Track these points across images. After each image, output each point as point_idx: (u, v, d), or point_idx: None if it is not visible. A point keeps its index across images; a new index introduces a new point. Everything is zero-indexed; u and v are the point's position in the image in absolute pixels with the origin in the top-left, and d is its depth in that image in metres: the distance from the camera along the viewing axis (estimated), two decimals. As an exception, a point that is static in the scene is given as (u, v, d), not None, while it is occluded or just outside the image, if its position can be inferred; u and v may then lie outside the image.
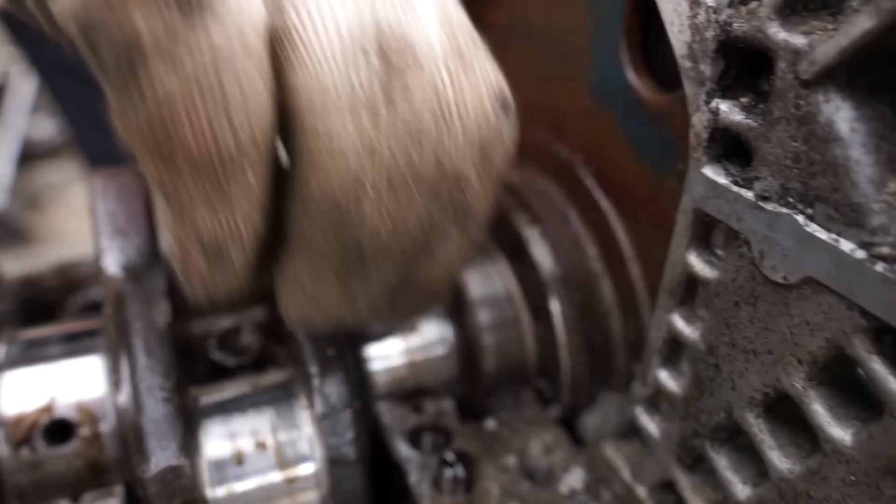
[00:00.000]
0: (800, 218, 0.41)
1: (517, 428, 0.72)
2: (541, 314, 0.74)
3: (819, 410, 0.43)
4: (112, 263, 0.63)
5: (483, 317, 0.75)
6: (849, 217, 0.38)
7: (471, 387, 0.74)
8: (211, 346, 0.68)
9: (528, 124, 0.82)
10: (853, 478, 0.41)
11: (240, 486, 0.58)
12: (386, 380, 0.72)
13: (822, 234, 0.40)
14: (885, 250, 0.37)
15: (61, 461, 0.62)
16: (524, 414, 0.74)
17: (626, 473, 0.63)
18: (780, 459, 0.46)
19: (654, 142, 0.62)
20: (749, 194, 0.44)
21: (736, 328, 0.47)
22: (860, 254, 0.38)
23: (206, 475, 0.57)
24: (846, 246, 0.38)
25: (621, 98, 0.65)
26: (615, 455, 0.65)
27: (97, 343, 0.67)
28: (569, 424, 0.75)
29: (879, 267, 0.37)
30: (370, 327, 0.67)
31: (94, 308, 0.83)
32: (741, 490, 0.51)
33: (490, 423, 0.72)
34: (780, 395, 0.46)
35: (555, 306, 0.71)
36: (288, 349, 0.68)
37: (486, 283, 0.77)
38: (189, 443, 0.55)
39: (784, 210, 0.42)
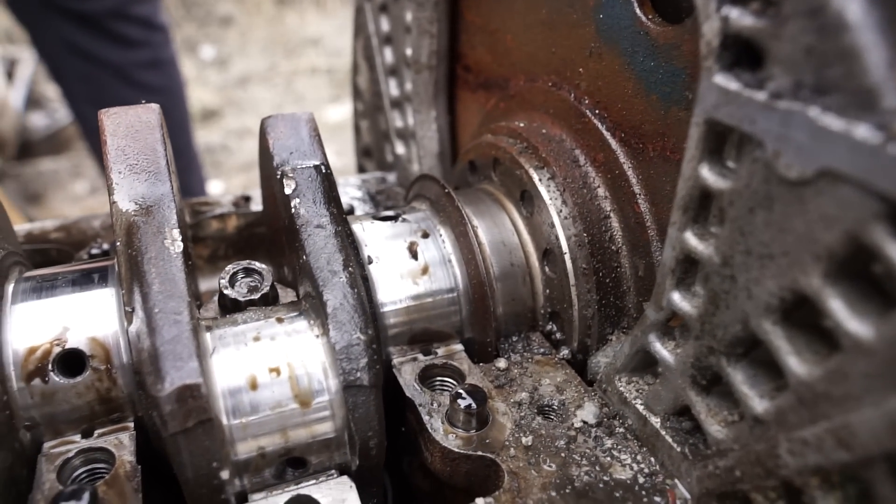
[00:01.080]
0: (813, 111, 0.41)
1: (528, 368, 0.72)
2: (550, 256, 0.74)
3: (838, 306, 0.43)
4: (123, 198, 0.64)
5: (492, 262, 0.76)
6: (863, 102, 0.39)
7: (481, 331, 0.74)
8: (222, 285, 0.68)
9: (534, 74, 0.83)
10: (874, 370, 0.41)
11: (254, 413, 0.57)
12: (397, 322, 0.72)
13: (837, 124, 0.40)
14: (900, 129, 0.37)
15: (73, 393, 0.61)
16: (534, 356, 0.74)
17: (639, 405, 0.63)
18: (798, 365, 0.47)
19: (662, 74, 0.63)
20: (761, 95, 0.45)
21: (751, 234, 0.48)
22: (876, 137, 0.38)
23: (220, 401, 0.57)
24: (861, 131, 0.39)
25: (629, 34, 0.66)
26: (627, 388, 0.65)
27: (109, 279, 0.67)
28: (579, 366, 0.75)
29: (895, 148, 0.37)
30: None
31: (103, 255, 0.83)
32: (759, 404, 0.51)
33: (501, 363, 0.72)
34: (798, 298, 0.46)
35: (564, 246, 0.71)
36: (299, 285, 0.68)
37: (495, 228, 0.77)
38: (203, 368, 0.55)
39: (797, 105, 0.42)
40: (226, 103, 3.78)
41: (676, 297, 0.56)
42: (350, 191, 1.09)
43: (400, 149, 1.09)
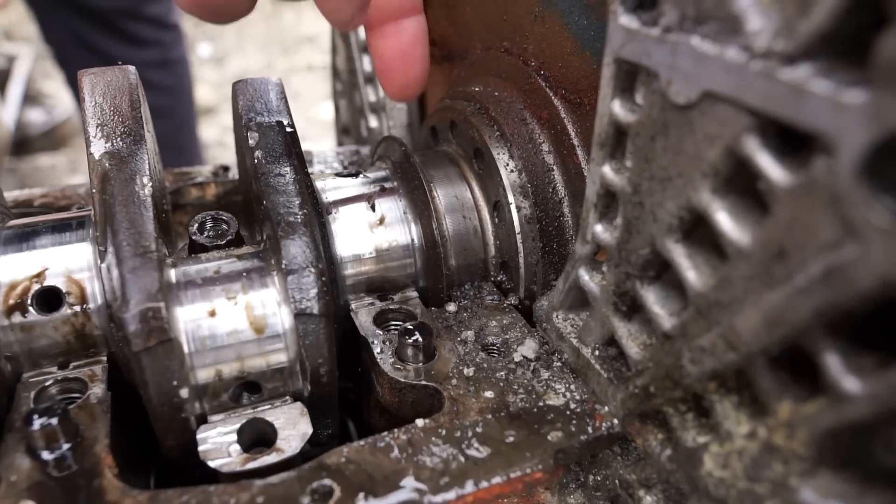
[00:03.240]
0: (694, 40, 0.46)
1: (476, 312, 0.77)
2: (498, 209, 0.79)
3: (722, 218, 0.48)
4: (98, 150, 0.69)
5: (446, 215, 0.80)
6: (732, 27, 0.44)
7: (434, 280, 0.79)
8: (191, 231, 0.73)
9: (489, 42, 0.88)
10: (752, 272, 0.46)
11: (212, 338, 0.62)
12: (355, 271, 0.77)
13: (712, 49, 0.45)
14: (760, 47, 0.42)
15: (50, 327, 0.67)
16: (484, 302, 0.78)
17: (573, 338, 0.68)
18: (696, 278, 0.51)
19: (594, 31, 0.68)
20: (655, 31, 0.49)
21: (653, 161, 0.53)
22: (742, 57, 0.43)
23: (181, 326, 0.62)
24: (731, 54, 0.44)
25: (566, -4, 0.71)
26: (563, 325, 0.70)
27: (87, 226, 0.72)
28: (527, 312, 0.79)
29: (757, 65, 0.42)
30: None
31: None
32: (667, 321, 0.55)
33: (451, 307, 0.77)
34: (693, 216, 0.50)
35: (510, 197, 0.76)
36: (260, 226, 0.73)
37: (449, 184, 0.82)
38: (166, 297, 0.60)
39: (682, 37, 0.47)
40: (222, 100, 3.86)
41: (599, 230, 0.61)
42: (327, 162, 1.14)
43: (373, 122, 1.15)
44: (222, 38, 4.60)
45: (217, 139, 3.50)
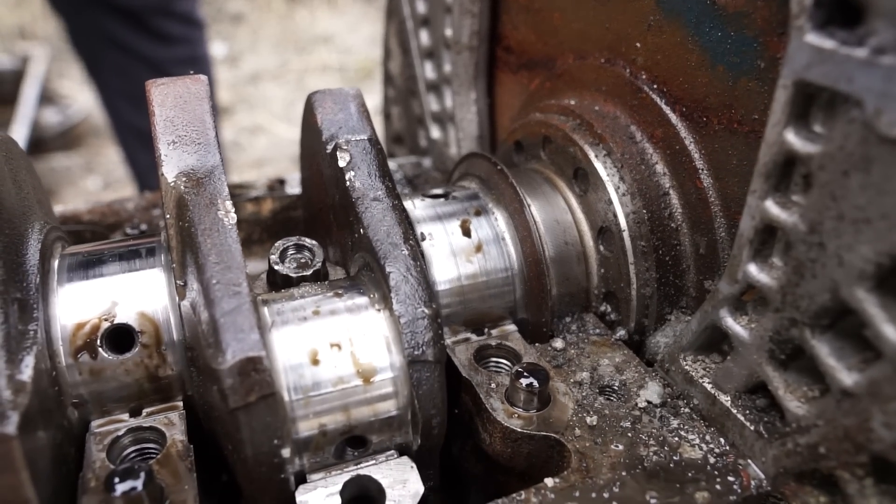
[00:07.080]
0: (924, 63, 0.40)
1: (585, 349, 0.70)
2: (606, 235, 0.72)
3: (943, 270, 0.41)
4: (172, 170, 0.62)
5: (546, 240, 0.74)
6: (984, 50, 0.37)
7: (536, 311, 0.72)
8: (273, 260, 0.66)
9: (584, 52, 0.81)
10: (984, 335, 0.39)
11: (316, 389, 0.55)
12: (451, 301, 0.70)
13: (952, 75, 0.38)
14: None
15: (122, 370, 0.60)
16: (590, 336, 0.72)
17: (706, 383, 0.61)
18: (894, 333, 0.45)
19: (731, 44, 0.61)
20: (861, 52, 0.43)
21: (844, 199, 0.46)
22: None
23: (282, 376, 0.55)
24: (980, 81, 0.37)
25: (693, 5, 0.64)
26: (693, 367, 0.63)
27: (157, 255, 0.65)
28: (635, 347, 0.73)
29: None
30: None
31: (141, 235, 0.81)
32: (848, 376, 0.49)
33: (557, 343, 0.70)
34: None
35: (622, 224, 0.70)
36: (352, 261, 0.66)
37: (548, 206, 0.76)
38: (265, 341, 0.53)
39: (905, 59, 0.41)
40: (237, 100, 3.77)
41: (753, 269, 0.55)
42: (383, 176, 1.07)
43: (435, 133, 1.08)
44: (236, 39, 4.50)
45: (233, 140, 3.41)
